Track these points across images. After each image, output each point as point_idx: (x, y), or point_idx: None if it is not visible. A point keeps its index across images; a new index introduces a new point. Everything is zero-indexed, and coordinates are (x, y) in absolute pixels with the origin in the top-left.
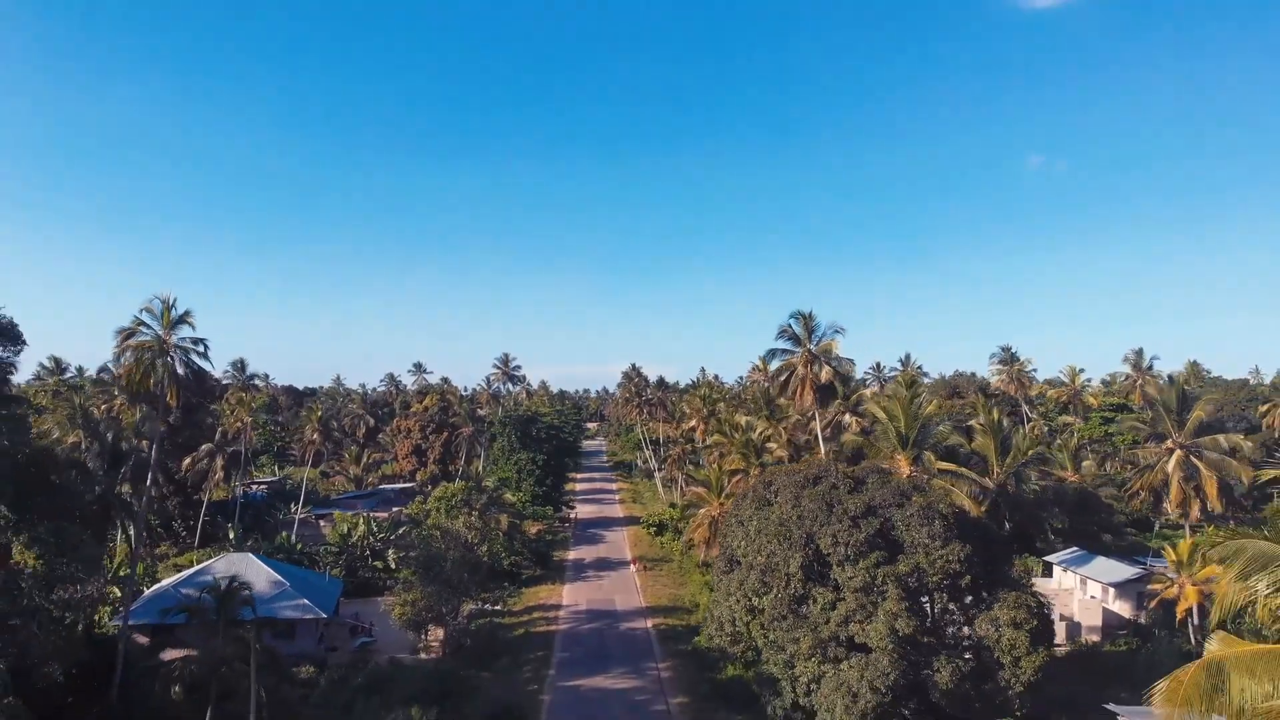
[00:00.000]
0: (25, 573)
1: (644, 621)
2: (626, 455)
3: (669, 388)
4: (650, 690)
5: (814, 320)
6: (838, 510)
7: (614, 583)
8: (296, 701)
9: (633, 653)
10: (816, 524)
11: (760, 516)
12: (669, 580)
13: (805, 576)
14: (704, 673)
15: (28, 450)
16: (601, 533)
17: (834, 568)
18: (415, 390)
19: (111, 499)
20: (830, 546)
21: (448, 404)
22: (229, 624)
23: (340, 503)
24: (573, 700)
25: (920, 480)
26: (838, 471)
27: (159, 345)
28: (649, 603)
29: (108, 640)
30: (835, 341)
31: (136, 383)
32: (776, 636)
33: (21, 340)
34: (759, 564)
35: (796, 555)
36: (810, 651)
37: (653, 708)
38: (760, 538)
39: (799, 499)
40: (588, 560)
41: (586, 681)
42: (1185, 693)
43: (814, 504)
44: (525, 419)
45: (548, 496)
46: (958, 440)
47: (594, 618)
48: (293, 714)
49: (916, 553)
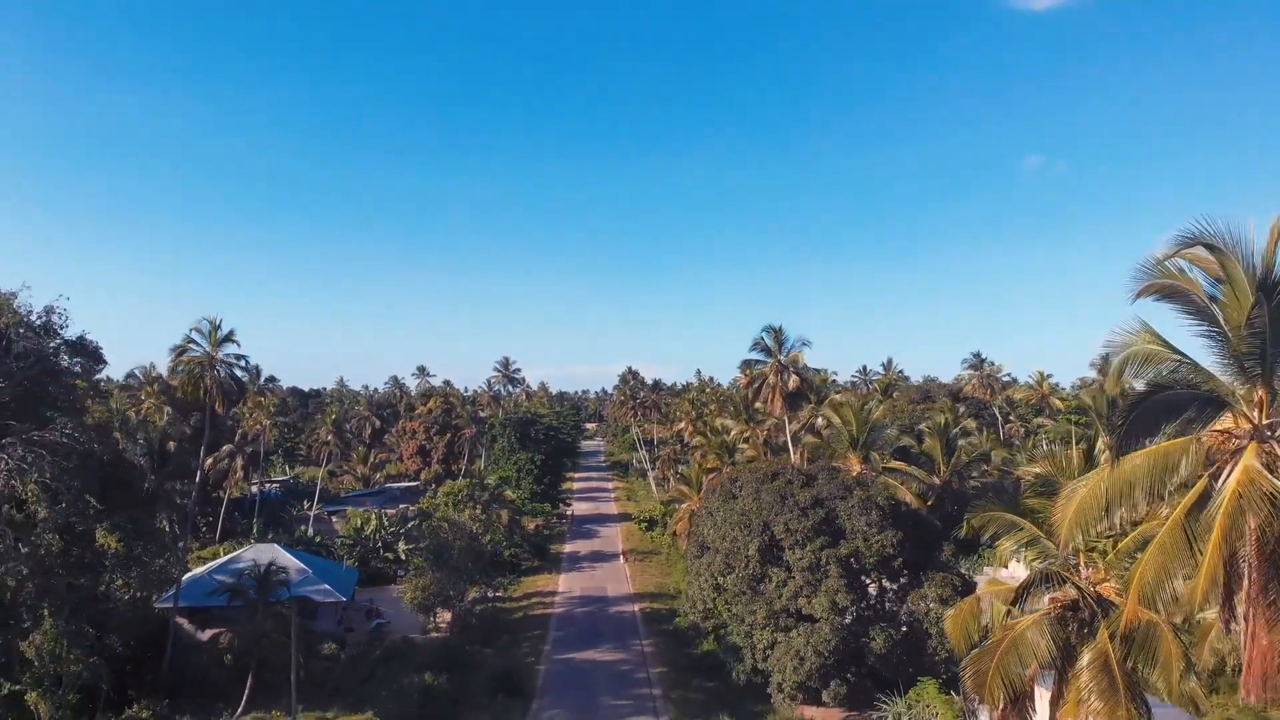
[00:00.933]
0: (109, 554)
1: (632, 606)
2: (623, 455)
3: (663, 390)
4: (634, 662)
5: (783, 334)
6: (790, 502)
7: (606, 573)
8: (323, 672)
9: (620, 632)
10: (772, 514)
11: (726, 508)
12: (656, 570)
13: (762, 558)
14: (682, 648)
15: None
16: (596, 528)
17: (786, 551)
18: (419, 393)
19: (160, 495)
20: (783, 533)
21: (450, 406)
22: (266, 603)
23: (350, 500)
24: (565, 670)
25: (866, 477)
26: (792, 469)
27: (207, 360)
28: (637, 589)
29: (159, 618)
30: (802, 353)
31: (188, 391)
32: (738, 610)
33: (103, 360)
34: (724, 549)
35: (755, 540)
36: (765, 622)
37: (635, 676)
38: (725, 526)
39: (759, 492)
40: (583, 553)
41: (578, 655)
42: (963, 615)
43: (770, 496)
44: (524, 421)
45: (546, 494)
46: (909, 441)
47: (586, 603)
48: (321, 682)
49: (856, 538)
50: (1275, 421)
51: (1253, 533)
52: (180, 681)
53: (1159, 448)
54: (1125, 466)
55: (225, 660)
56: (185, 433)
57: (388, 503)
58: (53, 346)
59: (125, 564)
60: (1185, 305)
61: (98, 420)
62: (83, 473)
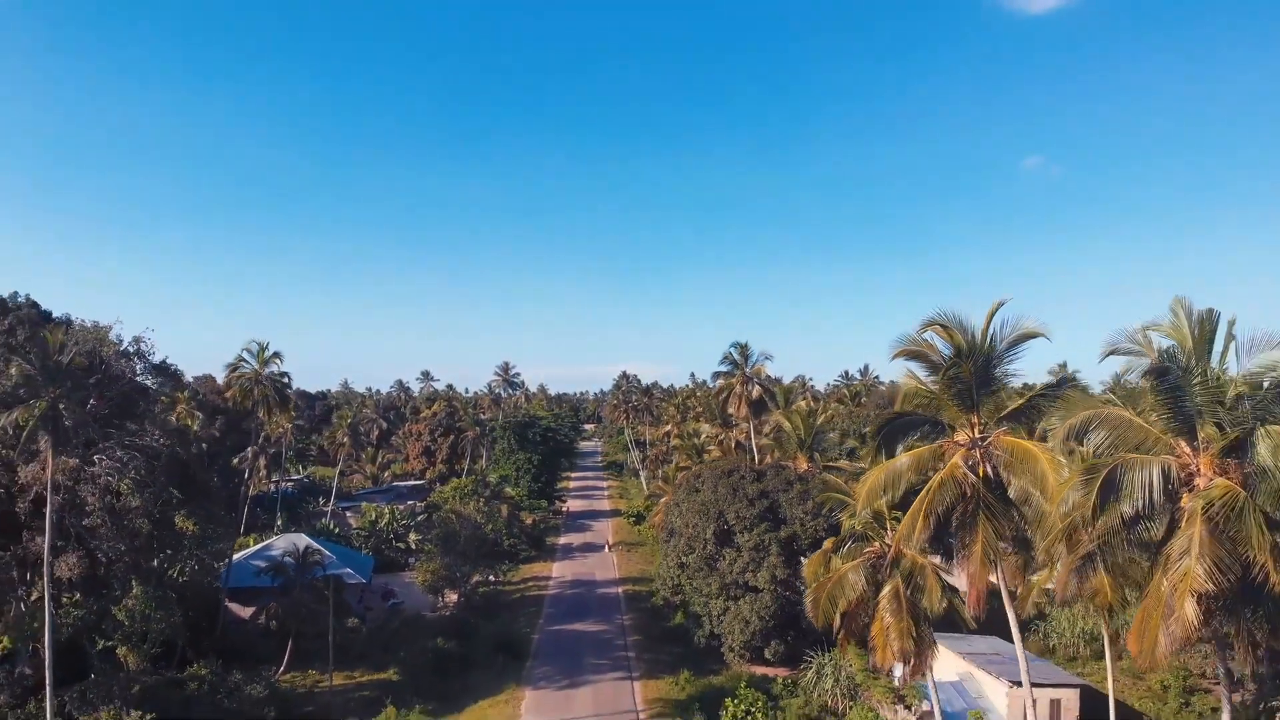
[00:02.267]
0: (186, 536)
1: (616, 589)
2: (618, 455)
3: (654, 394)
4: (614, 633)
5: (749, 349)
6: (740, 494)
7: (595, 561)
8: (349, 641)
9: (605, 609)
10: (726, 504)
11: (690, 500)
12: (640, 559)
13: (717, 541)
14: (657, 622)
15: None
16: (589, 522)
17: (737, 534)
18: (424, 397)
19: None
20: (734, 519)
21: (454, 410)
22: (304, 581)
23: (361, 497)
24: (556, 638)
25: (809, 474)
26: (745, 467)
27: (255, 376)
28: (622, 575)
29: (212, 593)
30: (763, 366)
31: (239, 401)
32: (698, 584)
33: (181, 380)
34: (687, 533)
35: (711, 525)
36: (719, 593)
37: (614, 643)
38: (689, 514)
39: (716, 486)
40: (575, 544)
41: (567, 627)
42: (814, 563)
43: (725, 490)
44: (523, 423)
45: (543, 491)
46: (854, 443)
47: (576, 586)
48: (348, 649)
49: (794, 523)
50: (982, 436)
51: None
52: (229, 647)
53: (917, 451)
54: (895, 461)
55: (271, 627)
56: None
57: (395, 499)
58: (140, 369)
59: (200, 544)
60: (926, 364)
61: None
62: (165, 470)
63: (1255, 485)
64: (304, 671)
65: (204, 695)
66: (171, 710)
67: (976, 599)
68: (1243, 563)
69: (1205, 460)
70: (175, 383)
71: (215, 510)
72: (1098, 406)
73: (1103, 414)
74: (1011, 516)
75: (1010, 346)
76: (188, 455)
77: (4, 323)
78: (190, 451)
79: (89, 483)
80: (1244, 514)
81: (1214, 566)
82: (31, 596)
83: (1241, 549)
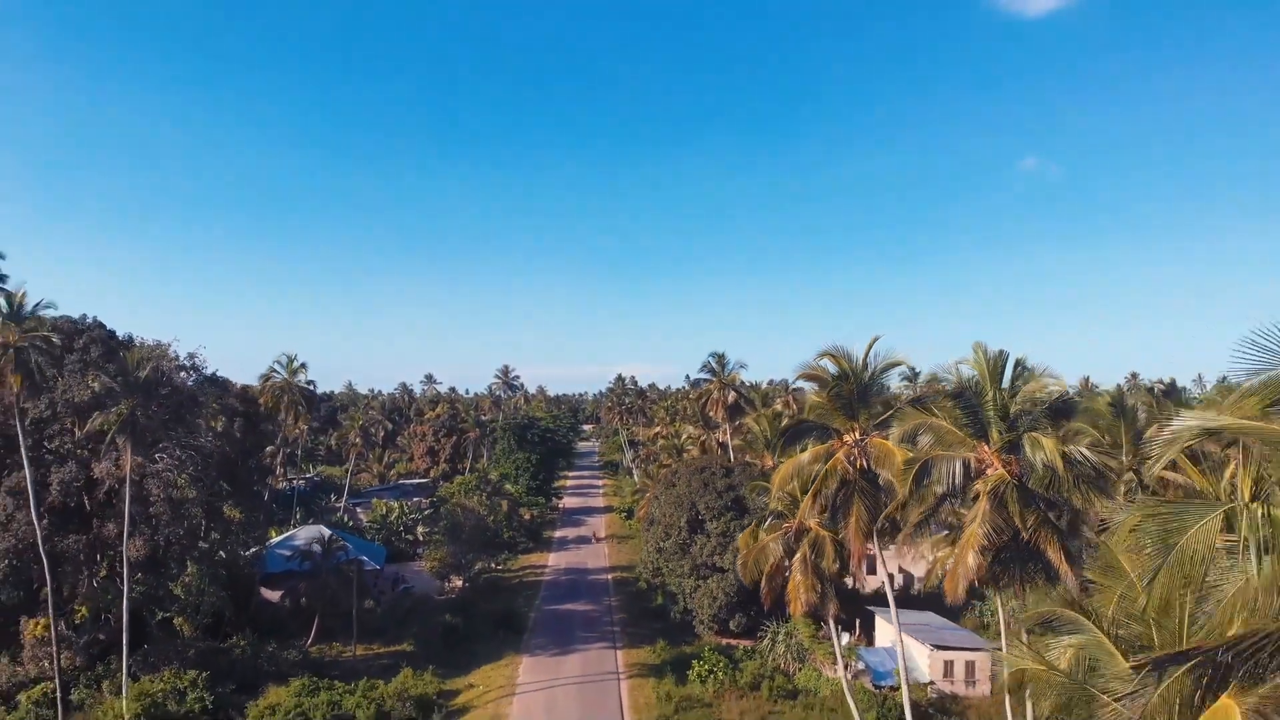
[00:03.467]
0: (233, 523)
1: (606, 575)
2: (614, 455)
3: (648, 396)
4: (602, 611)
5: (726, 359)
6: (710, 488)
7: (588, 552)
8: (368, 618)
9: (595, 592)
10: (698, 496)
11: (668, 493)
12: (629, 550)
13: (689, 528)
14: (640, 602)
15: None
16: (584, 518)
17: (707, 522)
18: (427, 399)
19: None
20: (705, 509)
21: (456, 412)
22: (330, 564)
23: (370, 494)
24: (551, 615)
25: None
26: (717, 464)
27: (285, 384)
28: (612, 564)
29: (247, 575)
30: (738, 374)
31: (270, 406)
32: (673, 566)
33: (230, 390)
34: (664, 522)
35: (684, 515)
36: (690, 573)
37: (602, 620)
38: (666, 506)
39: (690, 481)
40: (570, 537)
41: (561, 606)
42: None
43: (698, 484)
44: (523, 424)
45: (540, 489)
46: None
47: (570, 573)
48: (366, 625)
49: (756, 512)
50: (861, 438)
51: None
52: (262, 623)
53: (815, 449)
54: (799, 457)
55: (301, 604)
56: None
57: (401, 496)
58: (194, 380)
59: (245, 529)
60: (820, 384)
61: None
62: (215, 466)
63: (1027, 474)
64: (329, 644)
65: (247, 659)
66: (220, 671)
67: (857, 559)
68: (1013, 527)
69: (994, 456)
70: (223, 391)
71: (255, 502)
72: (925, 418)
73: (928, 422)
74: (879, 498)
75: (882, 371)
76: (233, 454)
77: (80, 341)
78: (235, 451)
79: (153, 477)
80: (1010, 493)
81: (992, 529)
82: (98, 574)
83: (1013, 518)
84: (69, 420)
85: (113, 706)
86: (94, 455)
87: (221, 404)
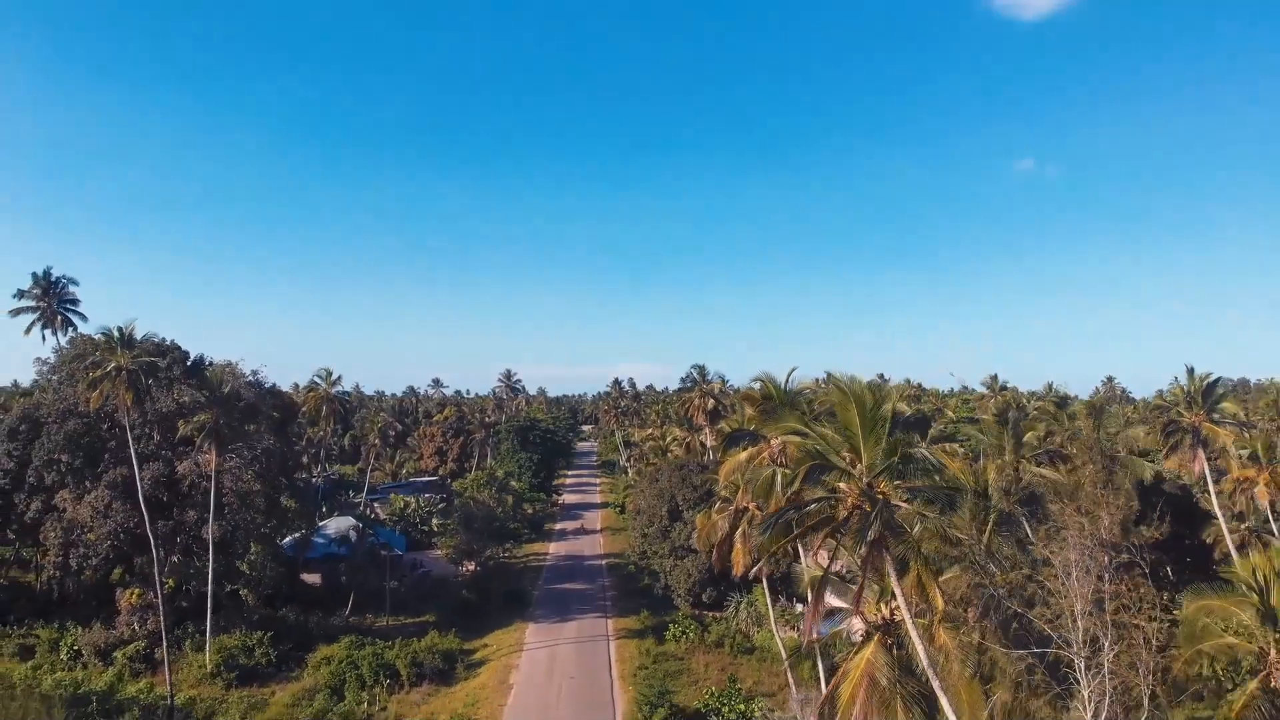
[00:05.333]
0: (289, 511)
1: (600, 561)
2: (611, 455)
3: (643, 399)
4: (596, 590)
5: (706, 370)
6: (688, 482)
7: (585, 542)
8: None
9: (590, 575)
10: (676, 489)
11: (651, 487)
12: (621, 541)
13: (669, 517)
14: (628, 583)
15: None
16: (582, 512)
17: (684, 511)
18: (435, 402)
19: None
20: (682, 501)
21: (462, 414)
22: (364, 547)
23: (385, 491)
24: (552, 593)
25: None
26: (694, 462)
27: (324, 394)
28: (605, 551)
29: (289, 558)
30: (717, 383)
31: (313, 414)
32: (656, 549)
33: (286, 400)
34: (648, 511)
35: (665, 505)
36: (669, 554)
37: (596, 597)
38: (650, 498)
39: (671, 477)
40: (569, 530)
41: (560, 586)
42: (703, 518)
43: (677, 479)
44: (525, 426)
45: (542, 486)
46: None
47: (569, 559)
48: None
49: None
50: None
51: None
52: (303, 600)
53: (750, 450)
54: (738, 456)
55: (341, 581)
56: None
57: (413, 493)
58: (258, 393)
59: (300, 516)
60: (752, 401)
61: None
62: (276, 464)
63: None
64: (362, 616)
65: (299, 624)
66: (279, 633)
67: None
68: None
69: None
70: (279, 400)
71: (307, 494)
72: (793, 425)
73: (791, 425)
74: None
75: (795, 393)
76: (289, 454)
77: (164, 361)
78: (287, 450)
79: (227, 473)
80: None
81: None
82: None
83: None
84: (153, 426)
85: (195, 659)
86: (175, 455)
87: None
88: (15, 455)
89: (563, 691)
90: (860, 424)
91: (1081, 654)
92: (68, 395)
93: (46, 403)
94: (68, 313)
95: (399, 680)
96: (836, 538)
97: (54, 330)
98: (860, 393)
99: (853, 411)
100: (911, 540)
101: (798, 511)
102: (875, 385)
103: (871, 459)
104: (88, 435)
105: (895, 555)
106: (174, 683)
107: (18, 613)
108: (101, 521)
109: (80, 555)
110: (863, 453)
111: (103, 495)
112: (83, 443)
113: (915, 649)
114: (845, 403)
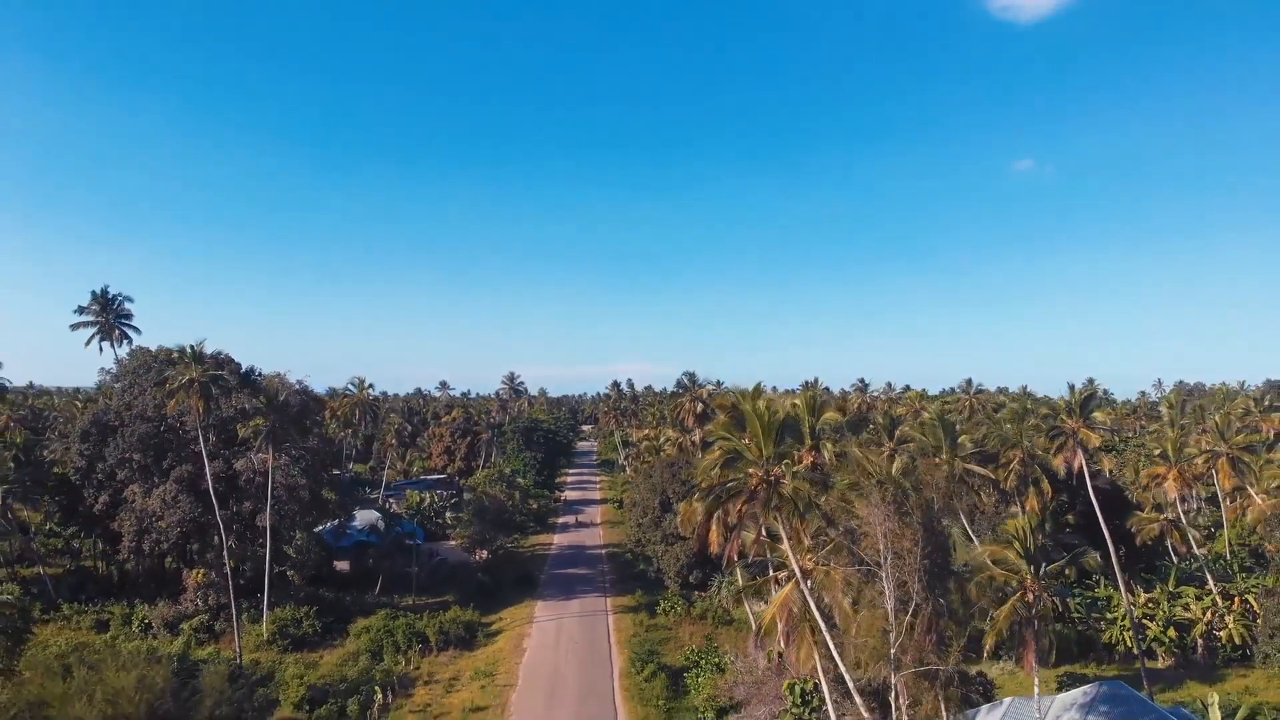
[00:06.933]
0: (330, 503)
1: (600, 550)
2: (610, 454)
3: (640, 400)
4: (596, 574)
5: (696, 376)
6: (677, 478)
7: (586, 534)
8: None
9: (591, 562)
10: (667, 484)
11: (645, 483)
12: (619, 533)
13: (661, 508)
14: (625, 569)
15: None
16: (583, 507)
17: (673, 503)
18: (442, 403)
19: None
20: (672, 494)
21: (469, 415)
22: (392, 535)
23: (398, 487)
24: (558, 576)
25: None
26: (683, 460)
27: (357, 400)
28: (605, 542)
29: (324, 545)
30: (706, 388)
31: (346, 416)
32: (649, 537)
33: (324, 404)
34: (643, 504)
35: (657, 498)
36: (660, 541)
37: (596, 580)
38: (644, 492)
39: (662, 473)
40: (571, 523)
41: (564, 571)
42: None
43: (668, 475)
44: (529, 427)
45: (545, 483)
46: None
47: (572, 549)
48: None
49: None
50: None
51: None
52: (336, 581)
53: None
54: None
55: (368, 565)
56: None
57: (424, 490)
58: (303, 400)
59: (340, 507)
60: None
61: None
62: (318, 461)
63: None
64: (390, 596)
65: (337, 601)
66: (321, 609)
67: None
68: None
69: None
70: (320, 406)
71: (346, 488)
72: (722, 434)
73: (721, 433)
74: None
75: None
76: (328, 453)
77: (223, 372)
78: (329, 450)
79: (278, 470)
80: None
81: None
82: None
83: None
84: (212, 429)
85: (253, 629)
86: (232, 454)
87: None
88: (85, 454)
89: (569, 653)
90: (762, 431)
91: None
92: (134, 402)
93: (114, 408)
94: (124, 326)
95: (429, 646)
96: (749, 504)
97: (111, 343)
98: (761, 411)
99: (757, 423)
100: (793, 503)
101: (723, 487)
102: (772, 402)
103: (769, 453)
104: (155, 437)
105: (785, 514)
106: (238, 648)
107: (87, 593)
108: (171, 511)
109: (153, 540)
110: (763, 449)
111: (170, 489)
112: (151, 443)
113: (820, 584)
114: (752, 417)
